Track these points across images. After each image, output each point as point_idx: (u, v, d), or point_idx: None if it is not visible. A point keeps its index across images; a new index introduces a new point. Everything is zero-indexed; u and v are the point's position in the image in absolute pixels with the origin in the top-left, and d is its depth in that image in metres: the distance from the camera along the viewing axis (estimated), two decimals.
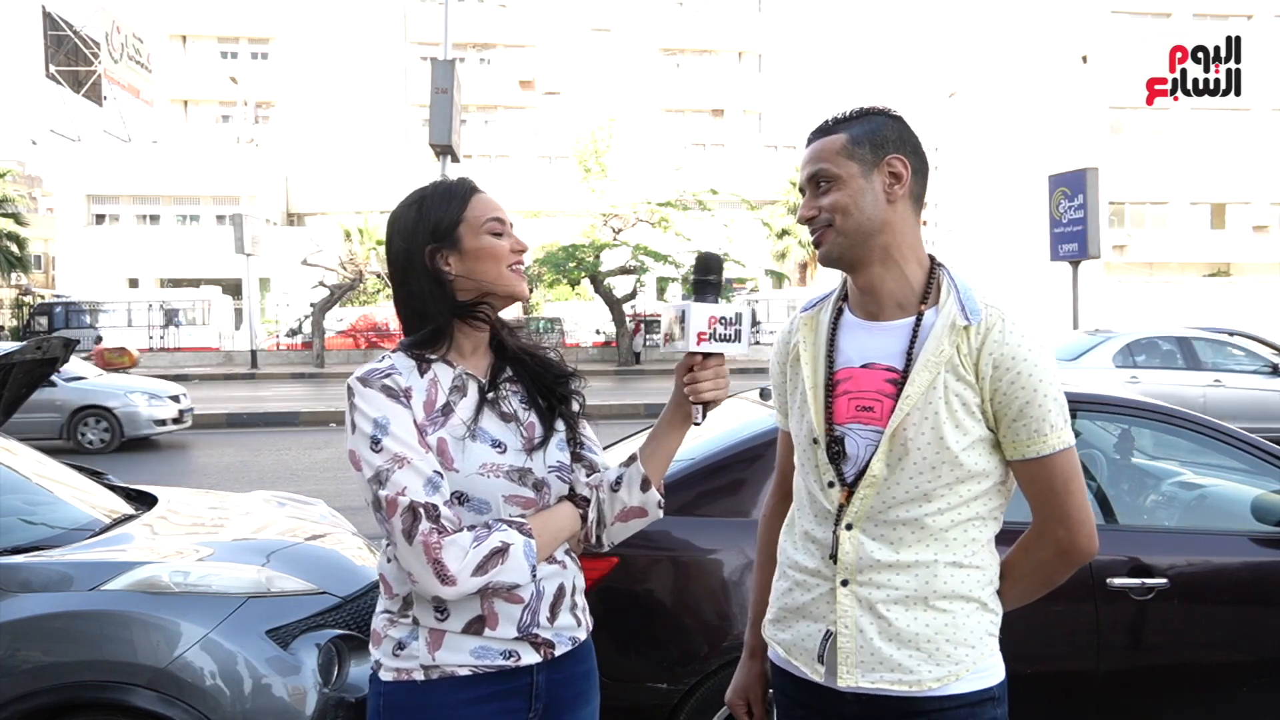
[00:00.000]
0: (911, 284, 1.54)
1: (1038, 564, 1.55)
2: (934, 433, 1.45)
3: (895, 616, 1.48)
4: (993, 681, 1.51)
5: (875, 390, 1.51)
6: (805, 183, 1.57)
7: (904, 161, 1.52)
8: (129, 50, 35.69)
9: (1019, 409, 1.45)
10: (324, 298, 27.22)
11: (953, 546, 1.48)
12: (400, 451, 1.42)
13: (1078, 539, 1.50)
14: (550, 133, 41.77)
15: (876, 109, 1.56)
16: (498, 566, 1.42)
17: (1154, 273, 33.94)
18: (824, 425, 1.54)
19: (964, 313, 1.48)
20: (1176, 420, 3.08)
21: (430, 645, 1.48)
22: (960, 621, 1.49)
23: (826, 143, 1.53)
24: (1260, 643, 2.90)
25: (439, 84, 10.54)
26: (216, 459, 11.03)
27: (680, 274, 24.41)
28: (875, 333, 1.54)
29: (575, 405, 1.66)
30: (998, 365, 1.45)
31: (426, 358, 1.54)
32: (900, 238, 1.53)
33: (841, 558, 1.51)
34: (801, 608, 1.57)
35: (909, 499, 1.48)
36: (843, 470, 1.52)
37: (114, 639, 2.59)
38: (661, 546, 2.85)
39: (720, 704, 2.80)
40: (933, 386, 1.46)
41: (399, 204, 1.60)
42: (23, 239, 39.05)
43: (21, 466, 3.47)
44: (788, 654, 1.59)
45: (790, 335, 1.68)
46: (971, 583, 1.50)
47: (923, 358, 1.47)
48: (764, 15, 44.56)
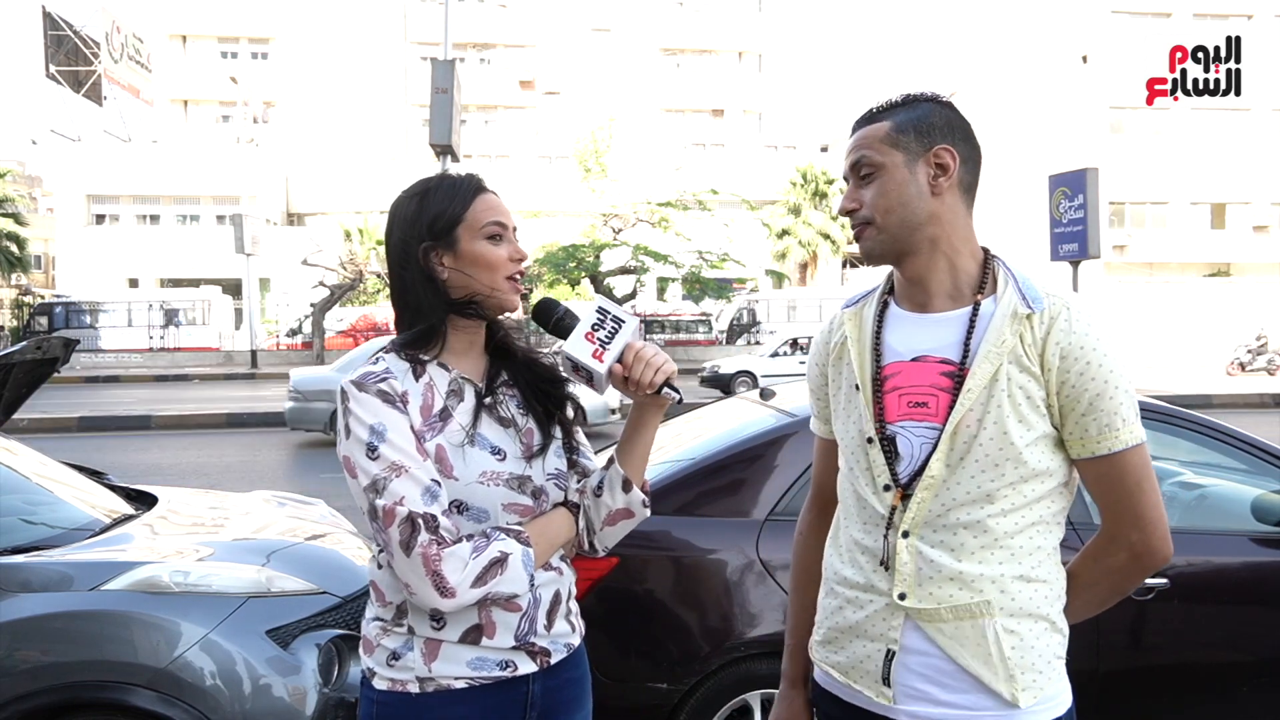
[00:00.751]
0: (964, 274, 1.45)
1: (1109, 571, 1.45)
2: (997, 427, 1.36)
3: (959, 636, 1.37)
4: (1062, 709, 1.41)
5: (929, 384, 1.41)
6: (848, 171, 1.48)
7: (952, 152, 1.43)
8: (129, 50, 35.71)
9: (1089, 401, 1.36)
10: (324, 298, 27.23)
11: (1018, 555, 1.38)
12: (397, 459, 1.39)
13: (1153, 541, 1.40)
14: (550, 133, 41.75)
15: (924, 95, 1.48)
16: (497, 577, 1.40)
17: (1154, 273, 33.92)
18: (875, 423, 1.44)
19: (1025, 301, 1.39)
20: (1176, 420, 3.08)
21: (426, 656, 1.45)
22: (1029, 643, 1.38)
23: (870, 130, 1.46)
24: (1260, 643, 2.90)
25: (439, 84, 10.53)
26: (216, 459, 11.03)
27: (680, 274, 24.40)
28: (926, 324, 1.45)
29: (570, 409, 1.62)
30: (1065, 355, 1.36)
31: (420, 359, 1.49)
32: (950, 229, 1.44)
33: (899, 568, 1.40)
34: (855, 626, 1.46)
35: (970, 500, 1.38)
36: (896, 472, 1.43)
37: (114, 639, 2.59)
38: (661, 546, 2.86)
39: (720, 704, 2.80)
40: (995, 379, 1.36)
41: (403, 192, 1.56)
42: (23, 239, 39.01)
43: (21, 466, 3.46)
44: (846, 677, 1.48)
45: (830, 334, 1.59)
46: (1040, 599, 1.39)
47: (984, 348, 1.37)
48: (764, 15, 44.54)
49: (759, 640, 2.79)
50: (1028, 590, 1.39)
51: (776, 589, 2.78)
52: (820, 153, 40.58)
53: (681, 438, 3.33)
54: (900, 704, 1.40)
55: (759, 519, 2.87)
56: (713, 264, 24.46)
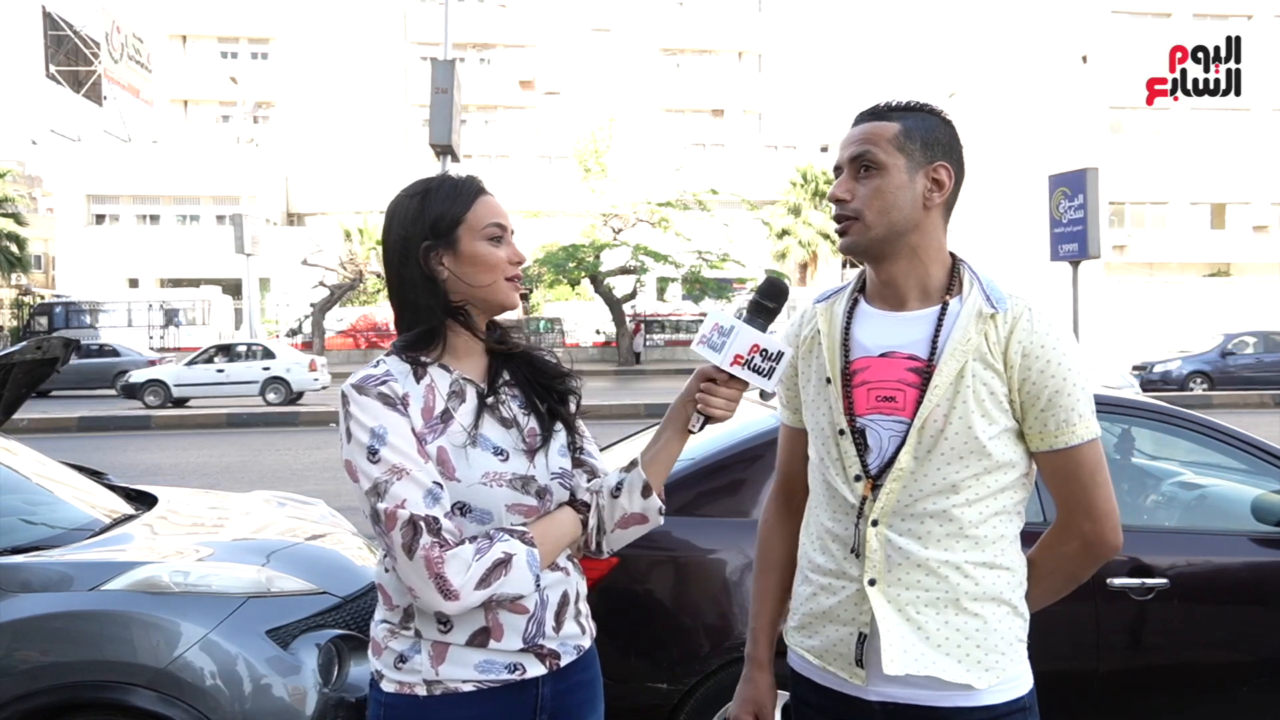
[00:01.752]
0: (934, 280, 1.51)
1: (1062, 559, 1.53)
2: (962, 422, 1.42)
3: (926, 620, 1.44)
4: (1023, 690, 1.48)
5: (896, 380, 1.47)
6: (845, 162, 1.50)
7: (949, 170, 1.49)
8: (129, 50, 35.73)
9: (1049, 398, 1.43)
10: (324, 298, 27.25)
11: (982, 544, 1.45)
12: (398, 462, 1.38)
13: (1104, 532, 1.48)
14: (550, 133, 41.77)
15: (931, 107, 1.52)
16: (501, 578, 1.39)
17: (1154, 273, 33.92)
18: (845, 416, 1.50)
19: (990, 301, 1.46)
20: (1176, 420, 3.08)
21: (433, 659, 1.44)
22: (992, 626, 1.45)
23: (878, 127, 1.48)
24: (1260, 643, 2.90)
25: (439, 84, 10.54)
26: (216, 459, 11.03)
27: (680, 274, 24.40)
28: (896, 322, 1.51)
29: (572, 405, 1.62)
30: (1027, 354, 1.43)
31: (421, 361, 1.49)
32: (928, 240, 1.50)
33: (869, 555, 1.46)
34: (828, 611, 1.52)
35: (936, 491, 1.44)
36: (866, 463, 1.48)
37: (114, 639, 2.59)
38: (661, 546, 2.85)
39: (720, 704, 2.80)
40: (961, 375, 1.43)
41: (402, 191, 1.56)
42: (23, 239, 39.05)
43: (21, 466, 3.47)
44: (821, 660, 1.54)
45: (801, 327, 1.64)
46: (1002, 584, 1.46)
47: (950, 346, 1.44)
48: (764, 15, 44.57)
49: None
50: (990, 576, 1.46)
51: None
52: (820, 153, 40.59)
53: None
54: (872, 685, 1.47)
55: (759, 519, 2.87)
56: (713, 264, 24.49)
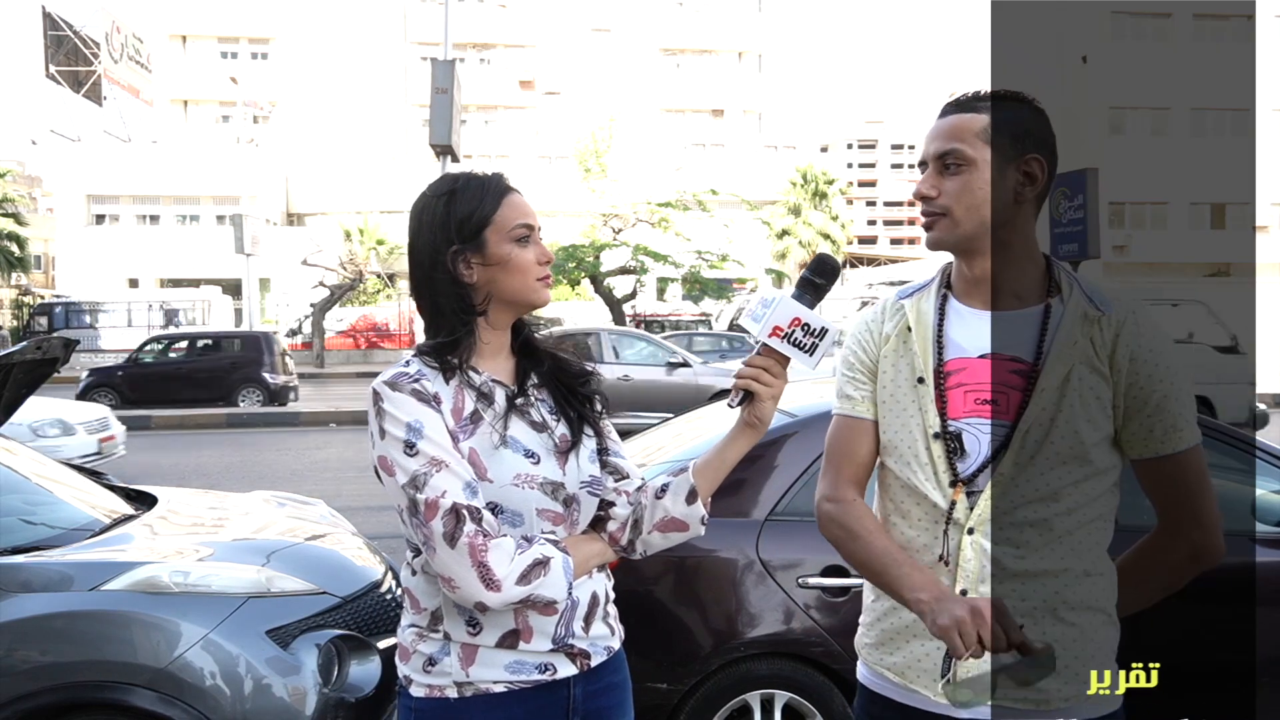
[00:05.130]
0: (1029, 276, 1.45)
1: (1165, 568, 1.48)
2: (1068, 426, 1.37)
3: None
4: (1118, 705, 1.44)
5: (998, 383, 1.41)
6: (930, 158, 1.45)
7: (1042, 163, 1.43)
8: (129, 50, 35.68)
9: (1157, 403, 1.38)
10: (324, 298, 27.21)
11: (1079, 551, 1.40)
12: (437, 454, 1.37)
13: (1212, 539, 1.43)
14: (550, 133, 41.73)
15: (1022, 95, 1.47)
16: (540, 578, 1.38)
17: (1154, 273, 33.91)
18: (939, 418, 1.44)
19: (1094, 304, 1.41)
20: None
21: (463, 661, 1.43)
22: (1089, 636, 1.41)
23: (965, 120, 1.43)
24: (1260, 642, 2.90)
25: (439, 84, 10.54)
26: (216, 459, 11.02)
27: (680, 274, 24.40)
28: (995, 323, 1.45)
29: (598, 405, 1.60)
30: (1135, 358, 1.38)
31: (450, 363, 1.47)
32: (1021, 235, 1.45)
33: (962, 565, 1.40)
34: (910, 627, 1.45)
35: (1037, 498, 1.38)
36: (957, 468, 1.42)
37: (114, 639, 2.59)
38: None
39: (720, 704, 2.80)
40: (1067, 380, 1.38)
41: (428, 191, 1.53)
42: (23, 239, 39.03)
43: (21, 466, 3.47)
44: (902, 678, 1.47)
45: (883, 322, 1.55)
46: (1098, 592, 1.42)
47: (1056, 349, 1.39)
48: (764, 15, 44.52)
49: (759, 640, 2.79)
50: (1087, 584, 1.41)
51: (776, 589, 2.78)
52: (820, 153, 40.62)
53: (681, 438, 3.33)
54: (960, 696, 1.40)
55: (759, 519, 2.87)
56: (712, 264, 24.45)
